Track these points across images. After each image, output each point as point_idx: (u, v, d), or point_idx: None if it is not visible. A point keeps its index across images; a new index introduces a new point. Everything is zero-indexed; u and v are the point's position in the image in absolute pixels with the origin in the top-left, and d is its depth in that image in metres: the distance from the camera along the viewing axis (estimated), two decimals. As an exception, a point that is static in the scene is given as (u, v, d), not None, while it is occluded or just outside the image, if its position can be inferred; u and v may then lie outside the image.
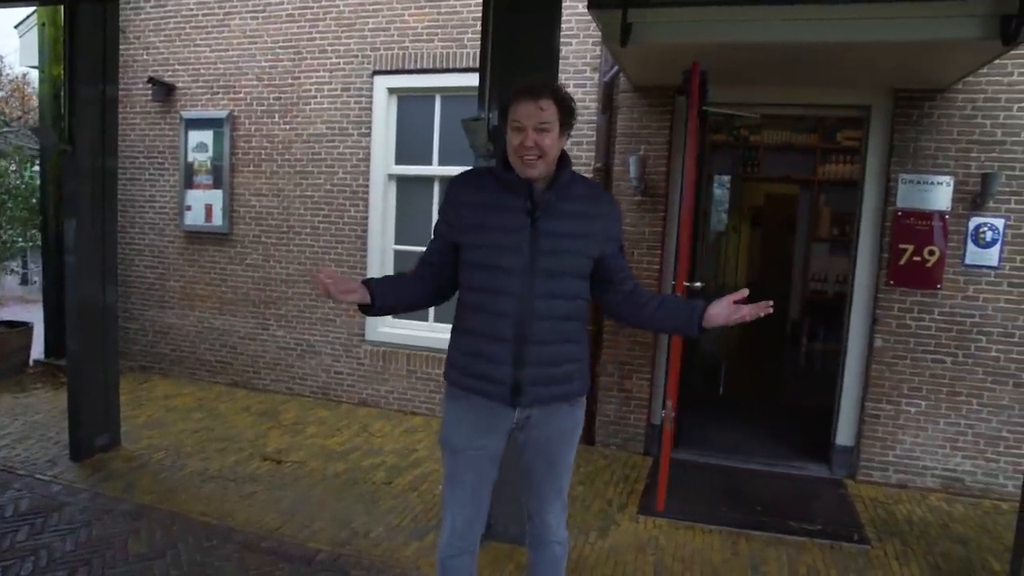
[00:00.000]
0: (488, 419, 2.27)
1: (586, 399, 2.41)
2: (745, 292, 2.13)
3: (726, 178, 8.67)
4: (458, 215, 2.22)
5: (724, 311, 2.12)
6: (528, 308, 2.15)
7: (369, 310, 2.20)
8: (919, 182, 4.49)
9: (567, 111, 2.13)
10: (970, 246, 4.44)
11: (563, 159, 2.21)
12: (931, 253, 4.49)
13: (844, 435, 4.82)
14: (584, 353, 2.33)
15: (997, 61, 4.05)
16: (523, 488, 2.44)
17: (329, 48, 5.84)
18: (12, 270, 10.74)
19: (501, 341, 2.17)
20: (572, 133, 2.25)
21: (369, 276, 2.24)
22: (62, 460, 4.50)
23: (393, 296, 2.26)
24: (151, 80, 6.33)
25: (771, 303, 2.07)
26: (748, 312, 2.09)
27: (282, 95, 6.04)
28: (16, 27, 7.12)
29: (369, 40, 5.71)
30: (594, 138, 5.11)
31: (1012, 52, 3.83)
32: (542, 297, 2.16)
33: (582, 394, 2.34)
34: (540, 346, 2.18)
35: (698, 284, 4.41)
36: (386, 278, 2.30)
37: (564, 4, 3.89)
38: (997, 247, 4.39)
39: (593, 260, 2.24)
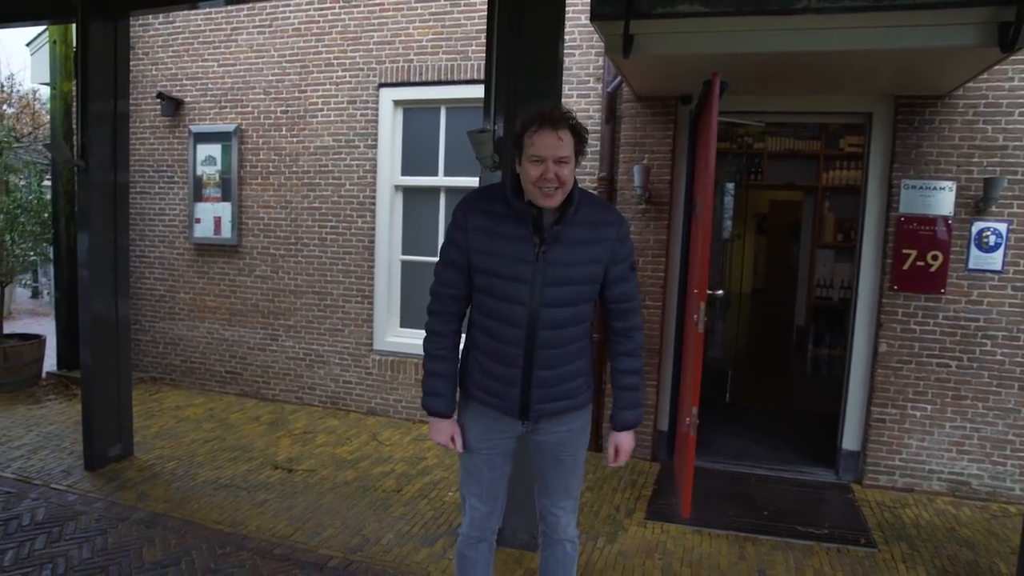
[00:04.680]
0: (499, 423, 2.40)
1: (593, 405, 2.50)
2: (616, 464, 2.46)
3: (731, 185, 8.73)
4: (466, 238, 2.23)
5: (613, 446, 2.42)
6: (533, 336, 2.21)
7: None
8: (922, 187, 4.52)
9: (581, 140, 2.15)
10: (973, 250, 4.46)
11: (572, 186, 2.21)
12: (934, 258, 4.51)
13: (850, 440, 4.83)
14: (588, 364, 2.39)
15: (998, 67, 4.09)
16: (536, 487, 2.57)
17: (335, 62, 5.92)
18: (24, 283, 10.82)
19: (510, 366, 2.26)
20: None
21: (433, 388, 2.45)
22: (77, 470, 4.57)
23: (456, 381, 2.45)
24: (160, 95, 6.43)
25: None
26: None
27: (289, 108, 6.12)
28: (28, 45, 7.25)
29: (375, 53, 5.78)
30: (598, 148, 5.15)
31: (1012, 58, 3.87)
32: (547, 327, 2.21)
33: (589, 403, 2.45)
34: (546, 371, 2.26)
35: (719, 292, 4.38)
36: (446, 382, 2.39)
37: (567, 16, 3.95)
38: (1000, 251, 4.42)
39: (599, 283, 2.27)
